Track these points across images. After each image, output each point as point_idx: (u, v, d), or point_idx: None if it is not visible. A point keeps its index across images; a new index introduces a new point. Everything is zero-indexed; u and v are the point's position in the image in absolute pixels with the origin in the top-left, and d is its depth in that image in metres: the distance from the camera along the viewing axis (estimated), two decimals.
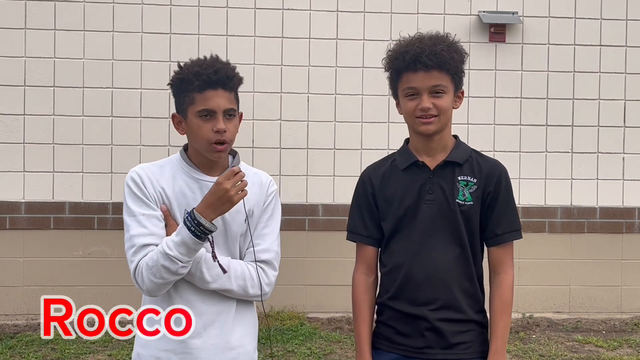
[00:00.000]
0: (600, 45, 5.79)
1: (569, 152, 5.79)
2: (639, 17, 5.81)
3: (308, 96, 5.62)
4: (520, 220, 2.30)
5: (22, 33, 5.37)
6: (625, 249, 5.81)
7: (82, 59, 5.43)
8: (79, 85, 5.42)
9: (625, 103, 5.83)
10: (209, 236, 2.02)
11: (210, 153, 2.09)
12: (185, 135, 2.16)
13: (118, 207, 5.43)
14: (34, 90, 5.40)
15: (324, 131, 5.61)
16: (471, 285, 2.19)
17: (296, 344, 4.92)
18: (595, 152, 5.80)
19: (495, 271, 2.22)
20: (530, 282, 5.70)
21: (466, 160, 2.21)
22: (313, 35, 5.60)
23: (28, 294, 5.38)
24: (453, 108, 2.19)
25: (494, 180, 2.19)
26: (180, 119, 2.14)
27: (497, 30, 5.66)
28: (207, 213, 1.98)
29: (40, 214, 5.39)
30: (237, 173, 2.00)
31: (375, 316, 2.30)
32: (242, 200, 2.05)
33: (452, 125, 2.27)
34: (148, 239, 2.04)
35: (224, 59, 2.18)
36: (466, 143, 2.29)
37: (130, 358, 4.55)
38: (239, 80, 2.15)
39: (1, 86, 5.38)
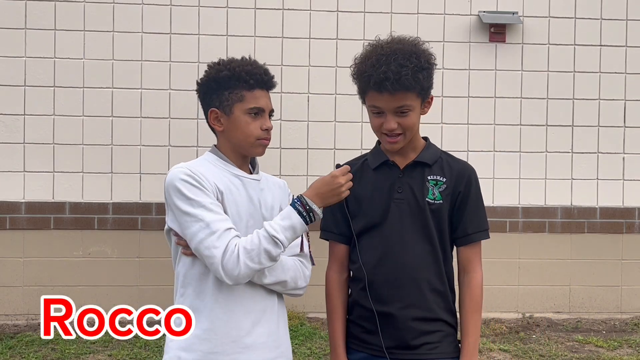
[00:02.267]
0: (600, 45, 5.79)
1: (569, 152, 5.79)
2: (639, 17, 5.81)
3: (308, 96, 5.62)
4: (521, 220, 2.31)
5: (22, 33, 5.37)
6: (625, 249, 5.81)
7: (82, 59, 5.43)
8: (79, 85, 5.42)
9: (625, 103, 5.83)
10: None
11: (254, 148, 2.14)
12: (221, 132, 2.16)
13: (118, 207, 5.43)
14: (34, 90, 5.39)
15: (324, 131, 5.61)
16: (441, 284, 2.19)
17: (296, 344, 4.91)
18: (595, 152, 5.80)
19: (465, 270, 2.22)
20: (531, 282, 5.70)
21: (435, 161, 2.22)
22: (313, 35, 5.60)
23: (28, 294, 5.38)
24: (421, 114, 2.19)
25: (464, 180, 2.20)
26: (219, 115, 2.14)
27: (497, 30, 5.66)
28: (314, 201, 2.01)
29: (40, 214, 5.39)
30: (349, 172, 2.05)
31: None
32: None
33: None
34: (229, 223, 1.98)
35: (224, 59, 2.22)
36: (436, 144, 2.31)
37: (132, 358, 4.53)
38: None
39: (1, 86, 5.38)
